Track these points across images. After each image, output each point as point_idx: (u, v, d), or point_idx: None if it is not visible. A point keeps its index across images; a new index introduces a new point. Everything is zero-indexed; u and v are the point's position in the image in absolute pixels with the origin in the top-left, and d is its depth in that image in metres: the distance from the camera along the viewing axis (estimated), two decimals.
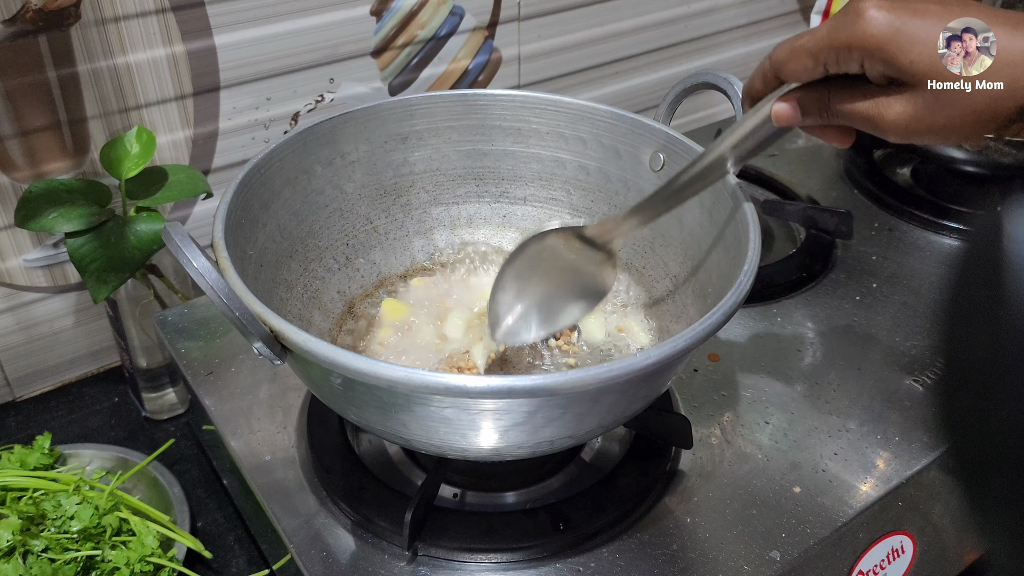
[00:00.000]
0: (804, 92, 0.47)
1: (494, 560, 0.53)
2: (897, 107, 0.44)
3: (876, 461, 0.59)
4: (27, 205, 0.63)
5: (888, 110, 0.44)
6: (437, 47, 0.88)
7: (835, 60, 0.44)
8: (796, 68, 0.46)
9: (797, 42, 0.46)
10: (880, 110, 0.44)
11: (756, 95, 0.50)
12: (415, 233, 0.69)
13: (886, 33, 0.42)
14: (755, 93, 0.50)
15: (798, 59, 0.46)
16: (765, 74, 0.49)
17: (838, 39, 0.44)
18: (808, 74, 0.46)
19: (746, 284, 0.48)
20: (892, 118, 0.44)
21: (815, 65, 0.45)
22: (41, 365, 0.79)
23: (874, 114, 0.45)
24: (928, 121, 0.43)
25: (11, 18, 0.65)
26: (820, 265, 0.78)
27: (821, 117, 0.47)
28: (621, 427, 0.59)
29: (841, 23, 0.44)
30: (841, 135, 0.49)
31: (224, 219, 0.51)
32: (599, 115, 0.65)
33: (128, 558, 0.58)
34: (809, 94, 0.47)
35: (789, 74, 0.47)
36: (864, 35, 0.43)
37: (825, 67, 0.45)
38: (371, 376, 0.42)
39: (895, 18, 0.42)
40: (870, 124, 0.45)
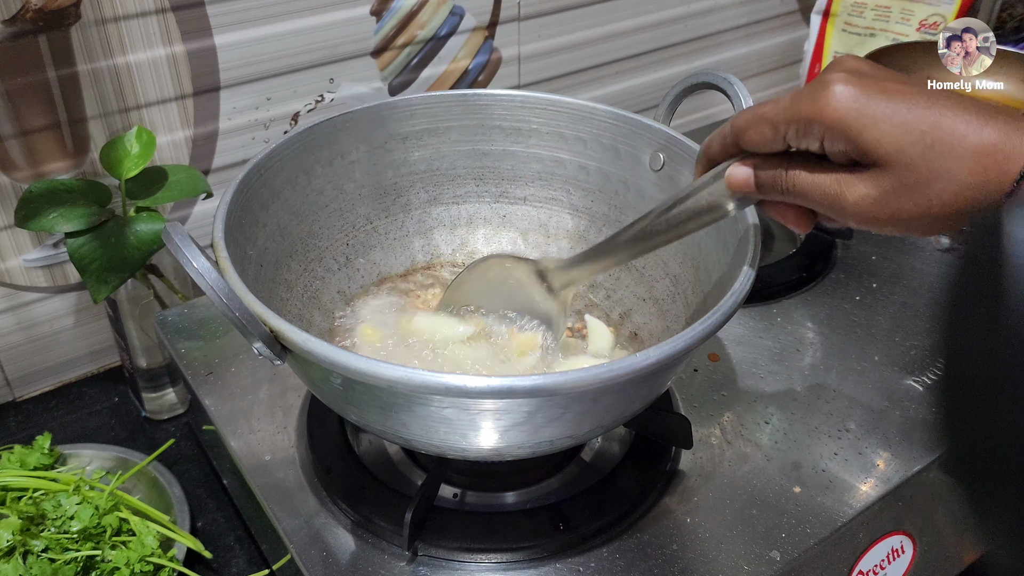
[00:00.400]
0: (763, 161, 0.45)
1: (494, 560, 0.53)
2: (859, 187, 0.41)
3: (876, 461, 0.59)
4: (27, 205, 0.63)
5: (850, 189, 0.41)
6: (437, 47, 0.88)
7: (795, 133, 0.42)
8: (755, 136, 0.44)
9: (759, 110, 0.44)
10: (840, 188, 0.42)
11: (713, 158, 0.48)
12: (415, 233, 0.69)
13: (851, 109, 0.40)
14: (712, 156, 0.48)
15: (758, 127, 0.44)
16: (724, 138, 0.46)
17: (800, 111, 0.41)
18: (767, 144, 0.44)
19: (746, 284, 0.48)
20: (853, 199, 0.41)
21: (775, 136, 0.43)
22: (41, 365, 0.79)
23: (834, 192, 0.42)
24: (892, 205, 0.41)
25: (11, 18, 0.65)
26: (820, 265, 0.78)
27: (777, 190, 0.44)
28: (621, 427, 0.59)
29: (806, 95, 0.41)
30: (799, 217, 0.46)
31: (224, 219, 0.51)
32: (599, 115, 0.65)
33: (128, 558, 0.58)
34: (767, 163, 0.45)
35: (748, 142, 0.45)
36: (827, 109, 0.40)
37: (785, 139, 0.43)
38: (371, 376, 0.42)
39: (860, 94, 0.40)
40: (830, 204, 0.42)
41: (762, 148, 0.44)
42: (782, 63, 1.23)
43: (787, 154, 0.44)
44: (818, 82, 0.41)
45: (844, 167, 0.42)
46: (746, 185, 0.45)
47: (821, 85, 0.41)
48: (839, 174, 0.42)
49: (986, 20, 1.21)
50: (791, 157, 0.44)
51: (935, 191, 0.39)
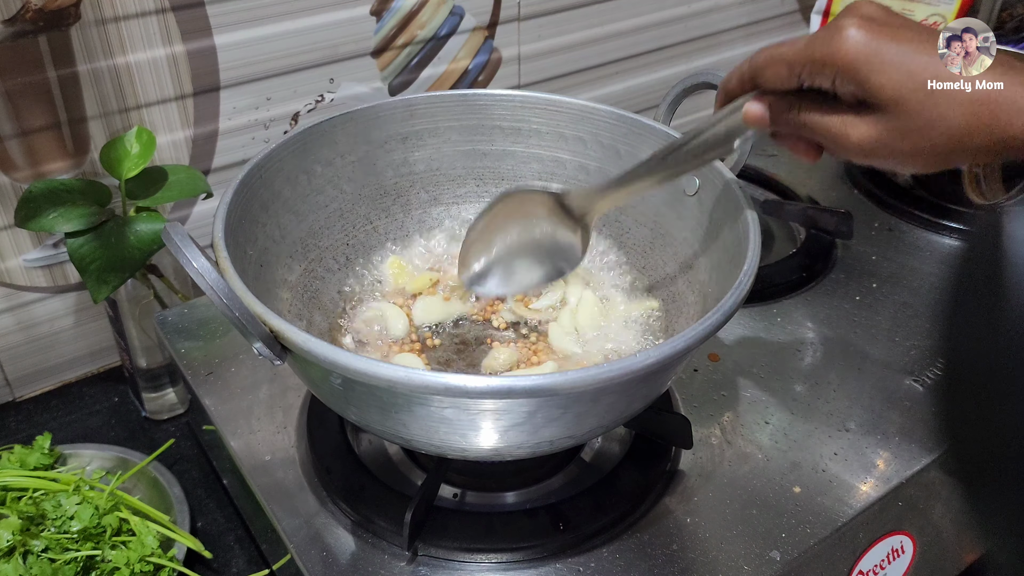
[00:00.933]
0: (776, 98, 0.48)
1: (494, 560, 0.53)
2: (862, 128, 0.44)
3: (876, 461, 0.59)
4: (27, 205, 0.63)
5: (853, 130, 0.45)
6: (437, 47, 0.88)
7: (809, 73, 0.45)
8: (772, 75, 0.47)
9: (777, 50, 0.46)
10: (846, 128, 0.45)
11: (731, 93, 0.51)
12: (415, 233, 0.69)
13: (861, 53, 0.42)
14: (730, 91, 0.51)
15: (775, 67, 0.46)
16: (743, 76, 0.49)
17: (814, 53, 0.44)
18: (783, 83, 0.47)
19: (746, 284, 0.48)
20: (856, 138, 0.45)
21: (790, 75, 0.46)
22: (41, 365, 0.79)
23: (839, 131, 0.45)
24: (891, 146, 0.44)
25: (11, 18, 0.65)
26: (820, 265, 0.78)
27: (789, 125, 0.48)
28: (621, 427, 0.59)
29: (820, 38, 0.44)
30: (808, 149, 0.49)
31: (224, 219, 0.51)
32: (599, 115, 0.65)
33: (128, 558, 0.58)
34: (781, 101, 0.48)
35: (765, 80, 0.47)
36: (839, 52, 0.43)
37: (799, 78, 0.46)
38: (371, 376, 0.42)
39: (872, 39, 0.42)
40: (834, 141, 0.46)
41: (777, 86, 0.47)
42: None
43: (800, 92, 0.47)
44: (833, 25, 0.44)
45: (851, 107, 0.45)
46: (761, 120, 0.48)
47: (836, 29, 0.43)
48: (845, 115, 0.45)
49: (986, 20, 1.21)
50: (803, 95, 0.47)
51: (930, 134, 0.43)
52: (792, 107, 0.47)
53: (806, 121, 0.47)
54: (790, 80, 0.46)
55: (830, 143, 0.46)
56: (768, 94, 0.48)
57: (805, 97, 0.47)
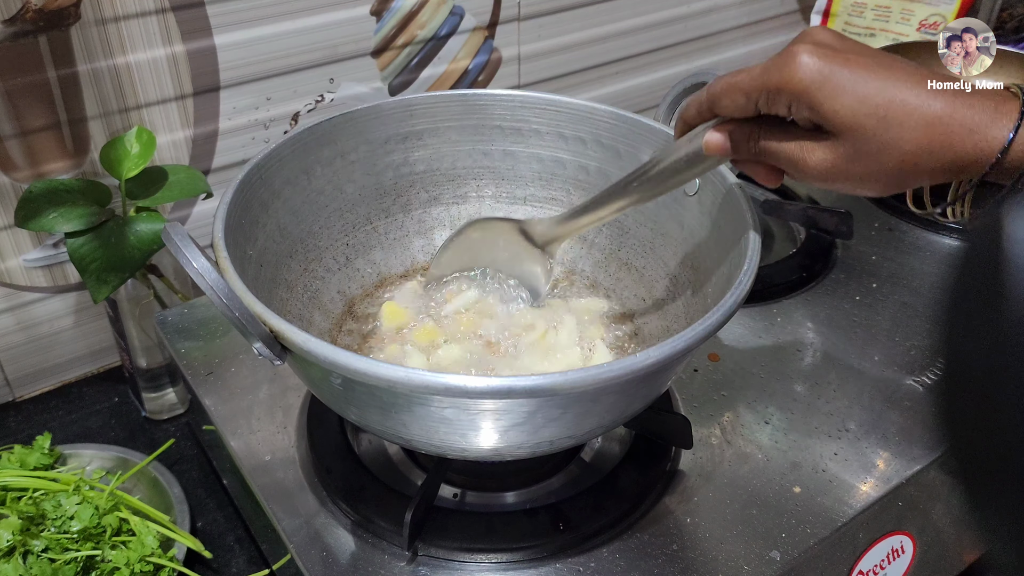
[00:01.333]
0: (736, 126, 0.48)
1: (494, 560, 0.53)
2: (819, 153, 0.45)
3: (876, 461, 0.59)
4: (27, 205, 0.63)
5: (811, 155, 0.45)
6: (437, 47, 0.88)
7: (765, 101, 0.45)
8: (729, 104, 0.47)
9: (733, 79, 0.47)
10: (803, 154, 0.45)
11: (689, 122, 0.51)
12: (415, 233, 0.69)
13: (815, 80, 0.43)
14: (688, 120, 0.51)
15: (732, 95, 0.47)
16: (700, 105, 0.50)
17: (769, 81, 0.45)
18: (740, 111, 0.47)
19: (746, 284, 0.48)
20: (813, 163, 0.45)
21: (747, 103, 0.46)
22: (41, 365, 0.79)
23: (797, 157, 0.46)
24: (847, 170, 0.45)
25: (11, 18, 0.65)
26: (820, 265, 0.78)
27: (749, 153, 0.48)
28: (621, 427, 0.59)
29: (775, 65, 0.44)
30: (769, 174, 0.50)
31: (224, 219, 0.51)
32: (599, 115, 0.65)
33: (128, 558, 0.58)
34: (740, 129, 0.48)
35: (723, 109, 0.48)
36: (793, 79, 0.43)
37: (756, 106, 0.46)
38: (371, 376, 0.42)
39: (824, 65, 0.43)
40: (793, 166, 0.46)
41: (735, 114, 0.48)
42: None
43: (758, 119, 0.47)
44: (787, 52, 0.44)
45: (808, 132, 0.46)
46: (721, 149, 0.49)
47: (789, 56, 0.44)
48: (802, 141, 0.46)
49: (986, 20, 1.21)
50: (761, 122, 0.47)
51: (884, 158, 0.43)
52: (751, 135, 0.48)
53: (765, 148, 0.47)
54: (747, 108, 0.47)
55: (789, 168, 0.47)
56: (727, 122, 0.49)
57: (763, 124, 0.47)
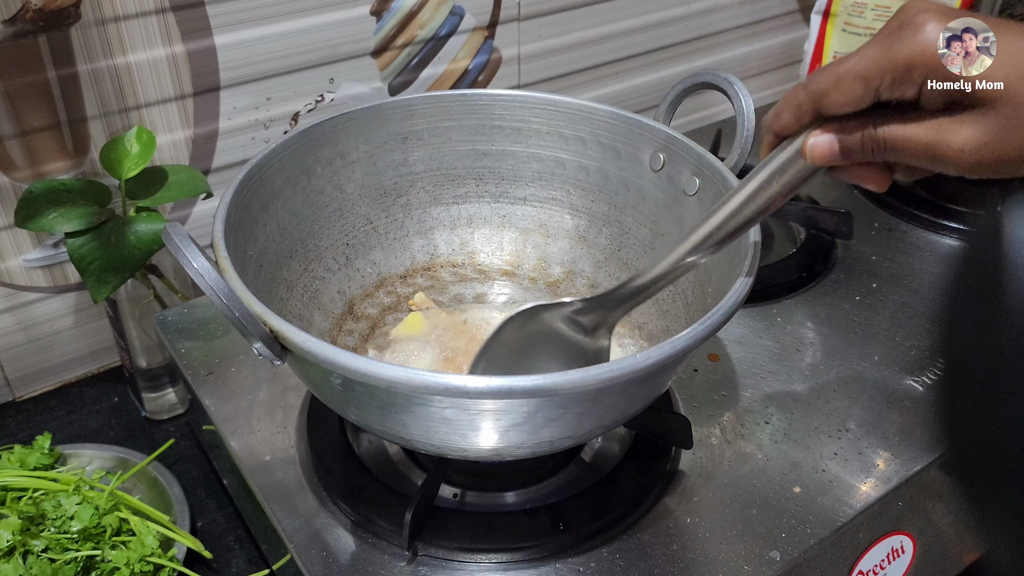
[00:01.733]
0: (844, 124, 0.41)
1: (494, 560, 0.53)
2: (965, 131, 0.38)
3: (876, 461, 0.59)
4: (27, 205, 0.63)
5: (953, 135, 0.38)
6: (437, 47, 0.88)
7: (890, 83, 0.38)
8: (842, 98, 0.40)
9: (841, 68, 0.40)
10: (943, 136, 0.38)
11: (783, 131, 0.44)
12: (415, 233, 0.69)
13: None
14: (781, 129, 0.44)
15: (844, 86, 0.39)
16: (800, 107, 0.42)
17: (895, 58, 0.38)
18: (855, 103, 0.40)
19: (746, 284, 0.48)
20: (959, 144, 0.38)
21: (865, 91, 0.39)
22: (41, 365, 0.79)
23: (935, 141, 0.38)
24: (1002, 144, 0.37)
25: (11, 18, 0.65)
26: (820, 265, 0.78)
27: (866, 153, 0.41)
28: (621, 427, 0.59)
29: (895, 39, 0.38)
30: (879, 176, 0.43)
31: (224, 219, 0.51)
32: (599, 115, 0.65)
33: (128, 558, 0.58)
34: (851, 126, 0.41)
35: (833, 105, 0.40)
36: (927, 50, 0.37)
37: (877, 93, 0.39)
38: (371, 376, 0.42)
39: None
40: (930, 154, 0.39)
41: (849, 108, 0.40)
42: (782, 63, 1.23)
43: (869, 111, 0.40)
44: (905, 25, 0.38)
45: (940, 112, 0.39)
46: (831, 155, 0.41)
47: (912, 27, 0.38)
48: (937, 120, 0.38)
49: None
50: (875, 113, 0.40)
51: None
52: (867, 130, 0.40)
53: (889, 141, 0.40)
54: (865, 98, 0.39)
55: (924, 158, 0.39)
56: (829, 122, 0.41)
57: (879, 114, 0.40)
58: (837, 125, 0.41)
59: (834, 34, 1.10)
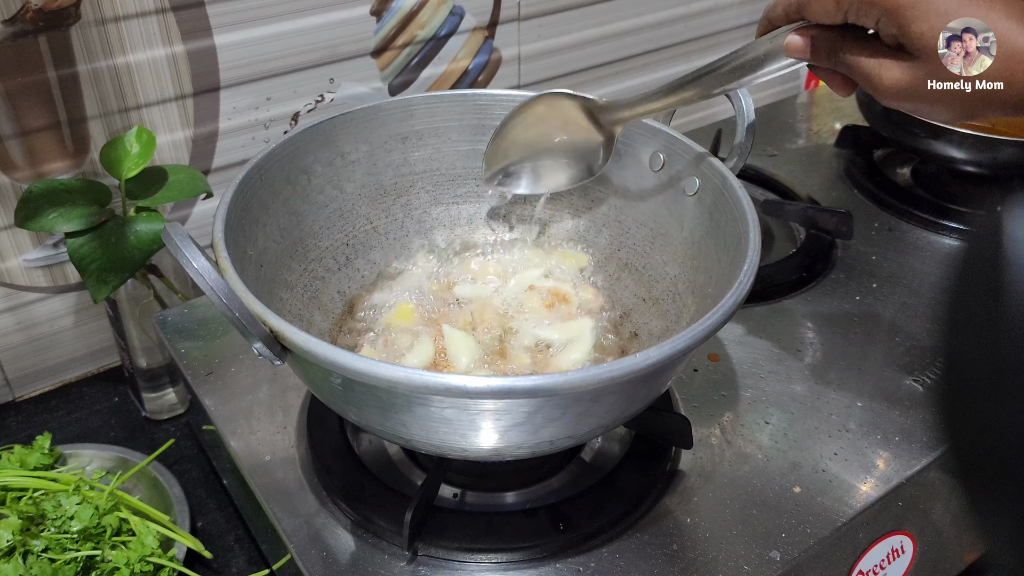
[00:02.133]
0: (819, 32, 0.49)
1: (494, 560, 0.53)
2: (895, 72, 0.45)
3: (876, 461, 0.59)
4: (27, 205, 0.63)
5: (887, 72, 0.46)
6: (437, 47, 0.88)
7: (856, 11, 0.46)
8: (819, 9, 0.47)
9: None
10: (880, 70, 0.46)
11: (775, 21, 0.51)
12: (415, 233, 0.69)
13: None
14: (774, 19, 0.52)
15: (823, 0, 0.47)
16: (789, 5, 0.50)
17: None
18: (828, 17, 0.47)
19: (746, 284, 0.48)
20: (888, 82, 0.46)
21: (836, 10, 0.46)
22: (41, 365, 0.79)
23: (874, 73, 0.46)
24: (921, 93, 0.45)
25: (11, 18, 0.65)
26: (820, 265, 0.78)
27: (828, 61, 0.49)
28: (621, 427, 0.59)
29: None
30: (843, 84, 0.50)
31: (224, 219, 0.51)
32: None
33: (128, 558, 0.58)
34: (823, 35, 0.48)
35: (811, 13, 0.48)
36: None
37: (845, 14, 0.46)
38: (371, 376, 0.42)
39: None
40: (867, 81, 0.47)
41: (823, 19, 0.48)
42: None
43: (842, 28, 0.47)
44: None
45: (890, 49, 0.46)
46: (802, 52, 0.49)
47: None
48: (881, 58, 0.46)
49: None
50: (844, 32, 0.48)
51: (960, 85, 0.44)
52: (832, 43, 0.48)
53: (844, 59, 0.48)
54: (835, 15, 0.47)
55: (864, 83, 0.47)
56: (811, 27, 0.49)
57: (846, 34, 0.48)
58: (814, 32, 0.49)
59: None
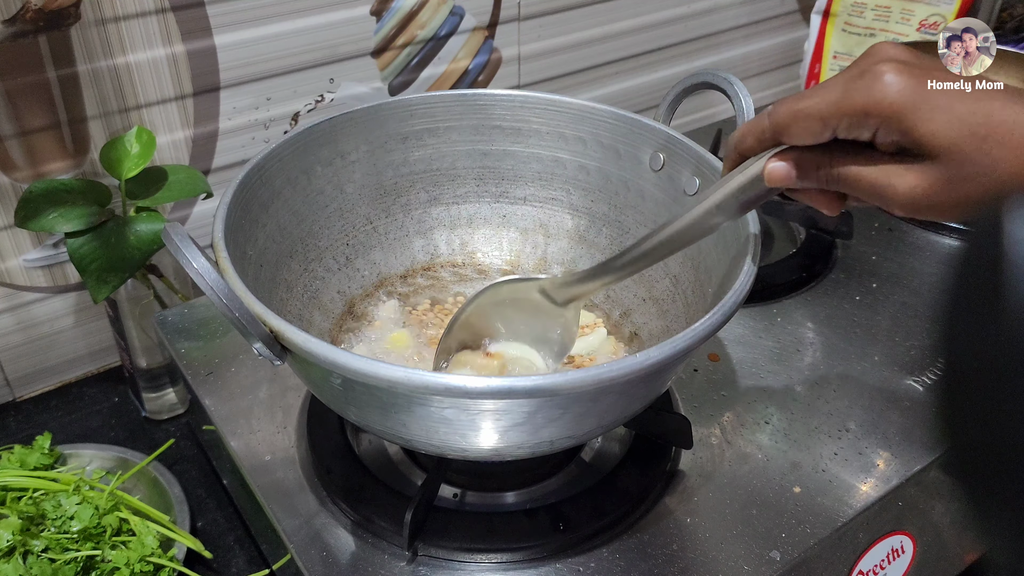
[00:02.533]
0: (803, 153, 0.44)
1: (494, 560, 0.53)
2: (910, 179, 0.41)
3: (876, 461, 0.59)
4: (27, 205, 0.63)
5: (900, 180, 0.41)
6: (437, 47, 0.88)
7: (847, 126, 0.42)
8: (801, 131, 0.43)
9: (803, 104, 0.43)
10: (890, 180, 0.41)
11: (746, 152, 0.47)
12: (415, 233, 0.69)
13: (908, 100, 0.40)
14: (745, 151, 0.47)
15: (805, 122, 0.43)
16: (762, 133, 0.45)
17: (853, 103, 0.41)
18: (814, 138, 0.43)
19: (746, 284, 0.48)
20: (904, 190, 0.41)
21: (823, 130, 0.42)
22: (41, 365, 0.79)
23: (883, 184, 0.42)
24: (942, 196, 0.40)
25: (11, 18, 0.65)
26: (820, 265, 0.78)
27: (819, 181, 0.44)
28: (621, 427, 0.59)
29: (855, 86, 0.41)
30: (831, 201, 0.46)
31: (224, 219, 0.51)
32: (599, 115, 0.65)
33: (128, 558, 0.58)
34: (808, 156, 0.44)
35: (792, 137, 0.44)
36: (882, 101, 0.40)
37: (834, 132, 0.42)
38: (371, 376, 0.42)
39: (916, 84, 0.40)
40: (877, 194, 0.42)
41: (807, 142, 0.44)
42: (782, 63, 1.23)
43: (828, 145, 0.43)
44: (866, 72, 0.41)
45: (892, 156, 0.42)
46: (787, 179, 0.45)
47: (871, 76, 0.40)
48: (888, 165, 0.42)
49: (986, 20, 1.21)
50: (833, 147, 0.43)
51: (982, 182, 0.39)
52: (823, 162, 0.44)
53: (841, 176, 0.43)
54: (822, 135, 0.43)
55: (872, 196, 0.43)
56: (791, 150, 0.45)
57: (835, 149, 0.43)
58: (796, 153, 0.44)
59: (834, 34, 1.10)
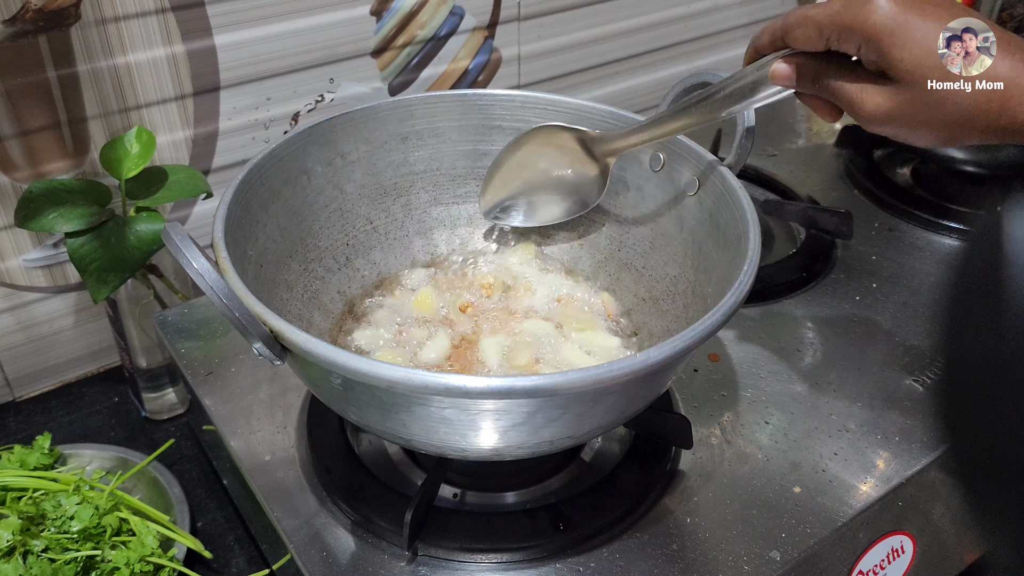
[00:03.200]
0: (803, 59, 0.49)
1: (494, 560, 0.53)
2: (877, 98, 0.46)
3: (876, 461, 0.59)
4: (27, 205, 0.63)
5: (869, 98, 0.46)
6: (437, 47, 0.88)
7: (836, 38, 0.46)
8: (801, 36, 0.48)
9: (809, 12, 0.47)
10: (862, 96, 0.46)
11: (761, 50, 0.52)
12: (415, 233, 0.69)
13: (887, 24, 0.44)
14: (760, 47, 0.52)
15: (805, 28, 0.47)
16: (774, 33, 0.50)
17: (843, 19, 0.45)
18: (811, 44, 0.48)
19: (746, 284, 0.48)
20: (870, 107, 0.46)
21: (819, 38, 0.47)
22: (41, 365, 0.79)
23: (856, 99, 0.47)
24: (902, 118, 0.46)
25: (11, 18, 0.65)
26: (820, 265, 0.78)
27: (812, 87, 0.49)
28: (621, 427, 0.59)
29: (851, 4, 0.45)
30: (829, 110, 0.51)
31: (224, 219, 0.51)
32: (599, 115, 0.65)
33: (128, 558, 0.58)
34: (807, 62, 0.49)
35: (794, 40, 0.49)
36: (866, 21, 0.44)
37: (827, 42, 0.47)
38: (371, 376, 0.42)
39: (899, 12, 0.44)
40: (850, 107, 0.48)
41: (806, 47, 0.48)
42: None
43: (826, 54, 0.48)
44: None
45: (872, 75, 0.46)
46: (787, 79, 0.50)
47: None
48: (864, 83, 0.47)
49: None
50: (829, 58, 0.48)
51: (940, 112, 0.44)
52: (817, 70, 0.48)
53: (827, 85, 0.48)
54: (818, 42, 0.47)
55: (847, 108, 0.48)
56: (796, 54, 0.49)
57: (831, 60, 0.48)
58: (799, 59, 0.49)
59: None
